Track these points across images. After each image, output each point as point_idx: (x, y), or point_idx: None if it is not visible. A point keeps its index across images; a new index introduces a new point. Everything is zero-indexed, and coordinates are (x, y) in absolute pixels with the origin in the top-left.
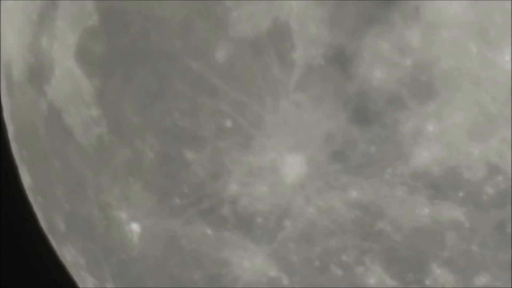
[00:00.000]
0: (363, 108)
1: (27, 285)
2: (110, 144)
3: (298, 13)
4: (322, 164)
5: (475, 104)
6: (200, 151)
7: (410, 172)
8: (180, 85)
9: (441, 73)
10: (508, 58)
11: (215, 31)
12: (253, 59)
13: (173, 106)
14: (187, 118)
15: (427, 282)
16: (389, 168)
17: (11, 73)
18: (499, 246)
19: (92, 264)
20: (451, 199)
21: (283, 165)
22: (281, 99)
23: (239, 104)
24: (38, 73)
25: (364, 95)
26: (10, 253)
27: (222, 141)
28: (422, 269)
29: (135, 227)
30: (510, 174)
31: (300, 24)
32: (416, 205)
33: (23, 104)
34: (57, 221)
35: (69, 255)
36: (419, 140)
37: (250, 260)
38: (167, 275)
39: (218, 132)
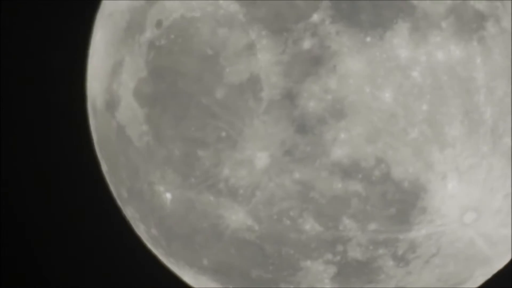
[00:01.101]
0: (303, 124)
1: (104, 230)
2: (153, 147)
3: (265, 69)
4: (278, 158)
5: (368, 122)
6: (206, 150)
7: (331, 162)
8: (195, 112)
9: (349, 104)
10: (388, 95)
11: (216, 79)
12: (238, 96)
13: (191, 124)
14: (199, 131)
15: (340, 228)
16: (318, 160)
17: (95, 105)
18: (383, 207)
19: (143, 217)
20: (354, 179)
21: (255, 158)
22: (255, 119)
23: (230, 123)
24: (111, 104)
25: (304, 117)
26: (94, 213)
27: (220, 144)
28: (337, 220)
29: (168, 195)
30: (389, 163)
31: (266, 75)
32: (334, 182)
33: (102, 123)
34: (122, 192)
35: (129, 212)
36: (335, 143)
37: (236, 215)
38: (187, 224)
39: (217, 139)
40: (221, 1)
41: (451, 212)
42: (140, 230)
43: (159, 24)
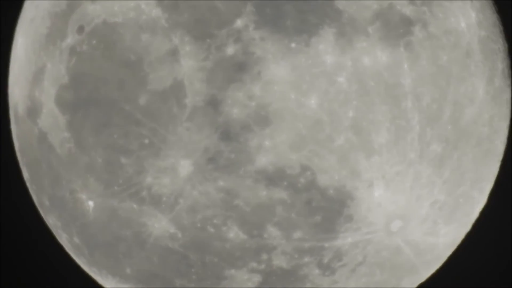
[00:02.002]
0: (227, 131)
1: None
2: (75, 154)
3: (189, 75)
4: (202, 165)
5: (293, 129)
6: (129, 158)
7: (255, 170)
8: (118, 119)
9: (273, 111)
10: (313, 101)
11: (139, 86)
12: (162, 103)
13: (113, 131)
14: (122, 138)
15: (265, 236)
16: (242, 168)
17: (17, 112)
18: (307, 214)
19: (65, 226)
20: (279, 186)
21: (178, 166)
22: (178, 126)
23: (153, 130)
24: (33, 111)
25: (228, 124)
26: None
27: (143, 152)
28: (262, 228)
29: (90, 203)
30: (315, 171)
31: (190, 82)
32: (259, 189)
33: (24, 130)
34: (44, 200)
35: (51, 220)
36: (260, 151)
37: (159, 223)
38: (109, 232)
39: (140, 147)
40: (143, 6)
41: (378, 220)
42: (62, 238)
43: (80, 29)
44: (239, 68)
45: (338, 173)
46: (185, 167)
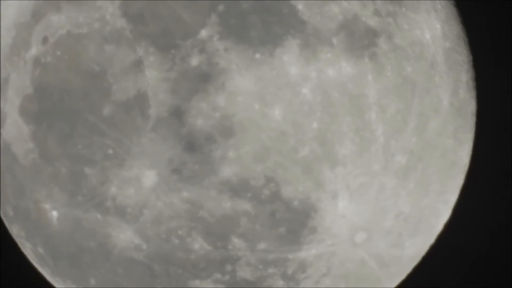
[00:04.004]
0: (191, 142)
1: None
2: (39, 164)
3: (153, 86)
4: (166, 176)
5: (257, 140)
6: (93, 168)
7: (219, 181)
8: (82, 129)
9: (237, 122)
10: (278, 112)
11: (103, 97)
12: (125, 114)
13: (77, 141)
14: (86, 149)
15: (230, 247)
16: (207, 179)
17: None
18: (271, 226)
19: (29, 236)
20: (243, 198)
21: (143, 177)
22: (142, 137)
23: (117, 140)
24: None
25: (192, 134)
26: None
27: (107, 162)
28: (226, 239)
29: (54, 213)
30: (279, 182)
31: (153, 92)
32: (223, 201)
33: None
34: (8, 210)
35: (15, 230)
36: (224, 162)
37: (123, 234)
38: (73, 242)
39: (104, 157)
40: (108, 17)
41: (342, 232)
42: (26, 248)
43: (45, 40)
44: (204, 79)
45: (302, 185)
46: (149, 177)
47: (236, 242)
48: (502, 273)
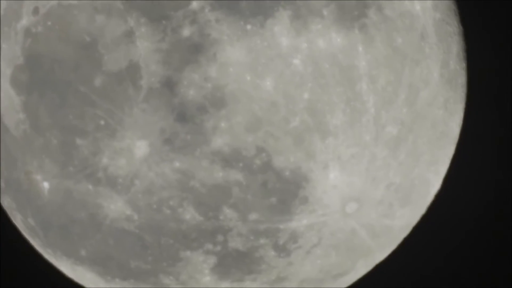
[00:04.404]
0: (183, 113)
1: None
2: (30, 135)
3: (144, 57)
4: (158, 146)
5: (249, 111)
6: (85, 139)
7: (211, 151)
8: (73, 100)
9: (229, 92)
10: (269, 83)
11: (94, 67)
12: (117, 84)
13: (69, 112)
14: (77, 120)
15: (221, 217)
16: (199, 149)
17: None
18: (263, 196)
19: (20, 207)
20: (235, 168)
21: (134, 147)
22: (134, 108)
23: (108, 111)
24: None
25: (184, 105)
26: None
27: (98, 133)
28: (218, 209)
29: (46, 184)
30: (270, 153)
31: (145, 63)
32: (214, 171)
33: None
34: None
35: (6, 201)
36: (216, 132)
37: (115, 204)
38: (64, 213)
39: (96, 128)
40: None
41: (333, 202)
42: (17, 220)
43: (35, 11)
44: (195, 50)
45: (293, 155)
46: (141, 148)
47: (228, 212)
48: (491, 243)
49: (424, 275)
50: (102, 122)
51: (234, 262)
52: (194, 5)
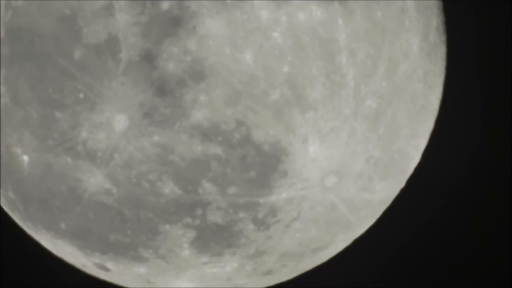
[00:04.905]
0: (162, 86)
1: None
2: (10, 108)
3: (124, 30)
4: (137, 120)
5: (228, 84)
6: (64, 112)
7: (190, 125)
8: (53, 73)
9: (208, 66)
10: (248, 56)
11: (74, 40)
12: (96, 57)
13: (48, 85)
14: (57, 93)
15: (200, 191)
16: (178, 123)
17: None
18: (242, 170)
19: (0, 181)
20: (214, 141)
21: (114, 121)
22: (113, 81)
23: (88, 84)
24: None
25: (163, 78)
26: None
27: (77, 106)
28: (197, 183)
29: (25, 158)
30: (250, 126)
31: (124, 36)
32: (194, 145)
33: None
34: None
35: None
36: (195, 106)
37: (94, 178)
38: (44, 187)
39: (75, 101)
40: None
41: (313, 175)
42: None
43: None
44: (175, 23)
45: (273, 129)
46: (120, 122)
47: (207, 186)
48: (469, 216)
49: (404, 248)
50: (82, 95)
51: (213, 236)
52: None
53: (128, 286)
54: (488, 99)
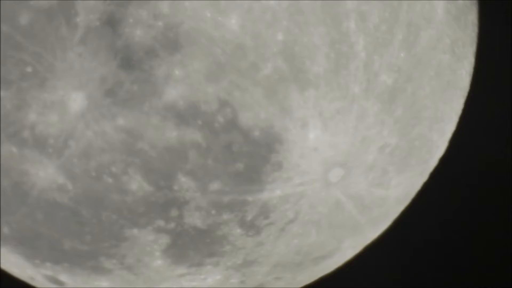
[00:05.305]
0: (128, 57)
1: None
2: None
3: None
4: (98, 99)
5: (209, 55)
6: (7, 90)
7: (163, 105)
8: None
9: (184, 32)
10: (234, 21)
11: (19, 2)
12: (47, 22)
13: None
14: None
15: (175, 187)
16: (147, 102)
17: None
18: (227, 161)
19: None
20: (192, 126)
21: (69, 100)
22: (68, 51)
23: (37, 55)
24: None
25: (129, 48)
26: None
27: (24, 82)
28: (171, 177)
29: None
30: (236, 107)
31: None
32: (167, 130)
33: None
34: None
35: None
36: (169, 81)
37: (44, 171)
38: None
39: (21, 76)
40: None
41: (313, 168)
42: None
43: None
44: None
45: (264, 110)
46: (76, 101)
47: (184, 181)
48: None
49: (425, 257)
50: (29, 69)
51: (191, 242)
52: None
53: None
54: None
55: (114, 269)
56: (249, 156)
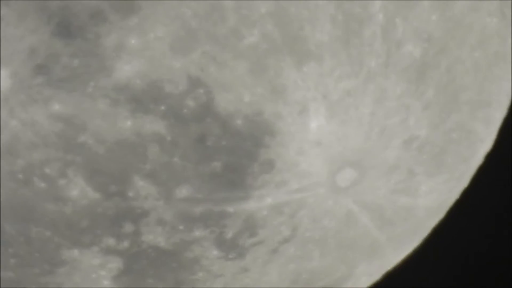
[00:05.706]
0: (66, 22)
1: None
2: None
3: None
4: (25, 77)
5: (176, 19)
6: None
7: (113, 85)
8: None
9: None
10: None
11: None
12: None
13: None
14: None
15: (130, 194)
16: (92, 81)
17: None
18: (199, 159)
19: None
20: (153, 113)
21: None
22: None
23: None
24: None
25: (67, 9)
26: None
27: None
28: (125, 181)
29: None
30: (212, 87)
31: None
32: (119, 118)
33: None
34: None
35: None
36: (121, 54)
37: None
38: None
39: None
40: None
41: (316, 169)
42: None
43: None
44: None
45: (249, 92)
46: None
47: (141, 185)
48: None
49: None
50: None
51: (151, 268)
52: None
53: None
54: None
55: None
56: (229, 153)
